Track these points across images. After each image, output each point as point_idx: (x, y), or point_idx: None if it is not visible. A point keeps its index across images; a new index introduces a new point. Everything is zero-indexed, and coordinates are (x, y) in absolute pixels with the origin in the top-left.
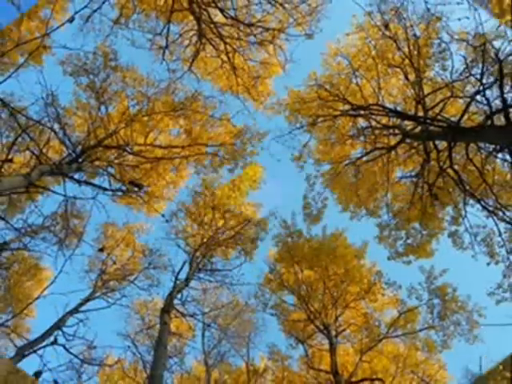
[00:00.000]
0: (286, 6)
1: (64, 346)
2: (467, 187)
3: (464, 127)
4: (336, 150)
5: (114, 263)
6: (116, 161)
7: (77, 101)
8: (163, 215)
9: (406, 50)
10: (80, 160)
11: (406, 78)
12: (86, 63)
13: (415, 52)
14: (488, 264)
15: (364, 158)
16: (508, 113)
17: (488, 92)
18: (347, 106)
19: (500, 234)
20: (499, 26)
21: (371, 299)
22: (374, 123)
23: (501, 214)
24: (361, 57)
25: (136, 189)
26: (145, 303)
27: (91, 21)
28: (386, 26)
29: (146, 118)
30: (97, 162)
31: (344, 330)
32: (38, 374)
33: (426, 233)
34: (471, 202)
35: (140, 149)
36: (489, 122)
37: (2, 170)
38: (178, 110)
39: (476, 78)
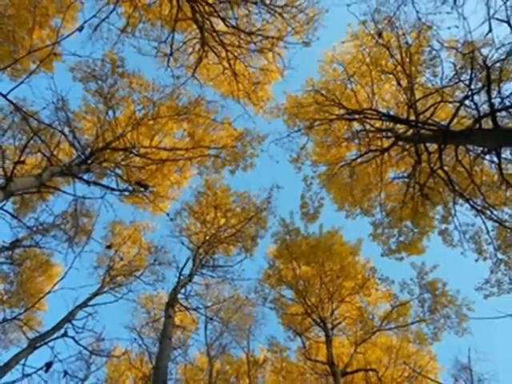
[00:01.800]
0: (285, 15)
1: (74, 339)
2: (456, 187)
3: (453, 130)
4: (332, 152)
5: (121, 260)
6: (123, 162)
7: (86, 105)
8: (168, 214)
9: (399, 57)
10: (89, 162)
11: (399, 83)
12: (94, 70)
13: (407, 59)
14: (476, 260)
15: (358, 160)
16: (495, 117)
17: (476, 97)
18: (342, 111)
19: (488, 232)
20: (487, 34)
21: (365, 294)
22: (368, 127)
23: (488, 212)
24: (355, 64)
25: (142, 189)
26: (150, 297)
27: (100, 29)
28: (380, 35)
29: (151, 122)
30: (105, 164)
31: (339, 323)
32: (49, 365)
33: (417, 231)
34: (460, 201)
35: (146, 151)
36: (477, 126)
37: (15, 171)
38: (182, 114)
39: (465, 84)
